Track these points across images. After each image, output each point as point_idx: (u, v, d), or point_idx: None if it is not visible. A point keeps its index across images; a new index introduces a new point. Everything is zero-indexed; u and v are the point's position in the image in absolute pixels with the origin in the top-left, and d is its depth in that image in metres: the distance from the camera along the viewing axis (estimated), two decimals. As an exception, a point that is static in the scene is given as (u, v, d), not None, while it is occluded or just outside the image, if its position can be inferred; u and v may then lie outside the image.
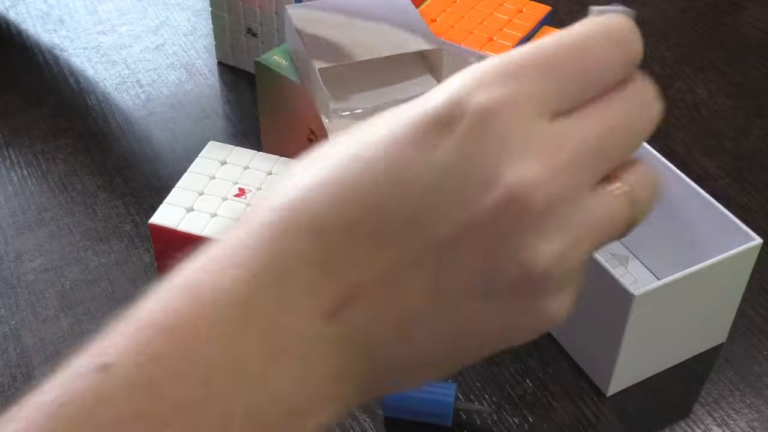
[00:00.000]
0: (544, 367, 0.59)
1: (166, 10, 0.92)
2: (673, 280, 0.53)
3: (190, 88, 0.82)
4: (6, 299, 0.63)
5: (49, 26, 0.89)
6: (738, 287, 0.58)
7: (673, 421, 0.57)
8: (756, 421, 0.57)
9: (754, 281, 0.64)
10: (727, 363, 0.60)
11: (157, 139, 0.76)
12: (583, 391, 0.58)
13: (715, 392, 0.58)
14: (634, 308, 0.52)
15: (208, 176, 0.60)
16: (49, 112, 0.79)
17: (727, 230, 0.57)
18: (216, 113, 0.80)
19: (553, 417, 0.57)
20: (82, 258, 0.66)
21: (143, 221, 0.68)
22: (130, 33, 0.89)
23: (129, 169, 0.73)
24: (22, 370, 0.59)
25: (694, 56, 0.88)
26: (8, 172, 0.73)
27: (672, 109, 0.81)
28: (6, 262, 0.66)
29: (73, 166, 0.74)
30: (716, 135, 0.78)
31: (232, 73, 0.84)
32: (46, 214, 0.70)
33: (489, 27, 0.73)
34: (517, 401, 0.57)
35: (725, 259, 0.54)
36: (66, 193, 0.71)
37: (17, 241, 0.67)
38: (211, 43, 0.86)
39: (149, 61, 0.85)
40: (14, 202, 0.71)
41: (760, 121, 0.80)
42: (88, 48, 0.87)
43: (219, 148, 0.62)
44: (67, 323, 0.62)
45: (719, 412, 0.57)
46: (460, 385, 0.58)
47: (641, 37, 0.30)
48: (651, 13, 0.93)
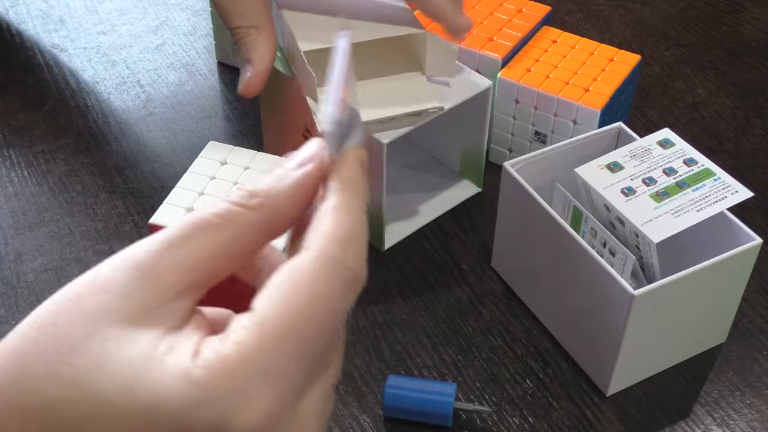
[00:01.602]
0: (544, 367, 0.59)
1: (166, 10, 0.92)
2: (673, 280, 0.53)
3: (190, 88, 0.82)
4: (6, 299, 0.63)
5: (49, 26, 0.89)
6: (738, 287, 0.58)
7: (673, 421, 0.57)
8: (756, 421, 0.57)
9: (754, 281, 0.64)
10: (727, 363, 0.60)
11: (157, 139, 0.76)
12: (583, 391, 0.58)
13: (715, 392, 0.58)
14: (634, 308, 0.52)
15: (208, 176, 0.60)
16: (49, 112, 0.79)
17: (726, 230, 0.57)
18: (216, 113, 0.80)
19: (553, 417, 0.57)
20: (83, 258, 0.66)
21: (143, 221, 0.68)
22: (130, 33, 0.89)
23: (129, 169, 0.73)
24: (22, 370, 0.59)
25: (694, 56, 0.88)
26: (8, 172, 0.73)
27: (672, 109, 0.81)
28: (6, 263, 0.66)
29: (73, 166, 0.74)
30: (716, 135, 0.78)
31: (232, 73, 0.84)
32: (47, 214, 0.70)
33: (489, 27, 0.73)
34: (517, 401, 0.57)
35: (725, 259, 0.54)
36: (66, 193, 0.71)
37: (17, 241, 0.67)
38: (211, 43, 0.86)
39: (149, 61, 0.85)
40: (14, 202, 0.71)
41: (760, 121, 0.80)
42: (88, 48, 0.87)
43: (219, 148, 0.62)
44: (67, 323, 0.61)
45: (719, 412, 0.57)
46: (460, 385, 0.58)
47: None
48: (651, 13, 0.93)
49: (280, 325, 0.27)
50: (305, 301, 0.28)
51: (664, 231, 0.54)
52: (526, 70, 0.70)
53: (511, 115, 0.71)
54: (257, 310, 0.28)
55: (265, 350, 0.27)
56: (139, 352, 0.27)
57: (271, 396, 0.27)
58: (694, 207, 0.55)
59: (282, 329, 0.27)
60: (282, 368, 0.27)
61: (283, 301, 0.28)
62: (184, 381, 0.26)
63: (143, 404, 0.26)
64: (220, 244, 0.29)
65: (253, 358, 0.27)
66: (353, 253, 0.29)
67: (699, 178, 0.57)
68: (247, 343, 0.27)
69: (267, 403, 0.27)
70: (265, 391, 0.27)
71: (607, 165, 0.58)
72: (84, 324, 0.27)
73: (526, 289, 0.63)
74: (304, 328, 0.28)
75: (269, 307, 0.28)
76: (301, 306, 0.28)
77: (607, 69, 0.70)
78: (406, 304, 0.64)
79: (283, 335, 0.27)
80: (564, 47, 0.72)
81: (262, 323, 0.27)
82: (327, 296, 0.28)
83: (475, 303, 0.64)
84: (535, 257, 0.60)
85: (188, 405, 0.26)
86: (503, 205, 0.62)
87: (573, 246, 0.55)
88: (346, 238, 0.29)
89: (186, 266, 0.29)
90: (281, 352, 0.27)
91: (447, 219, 0.70)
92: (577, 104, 0.67)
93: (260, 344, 0.27)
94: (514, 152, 0.73)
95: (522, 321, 0.62)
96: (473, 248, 0.68)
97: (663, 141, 0.60)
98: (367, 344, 0.61)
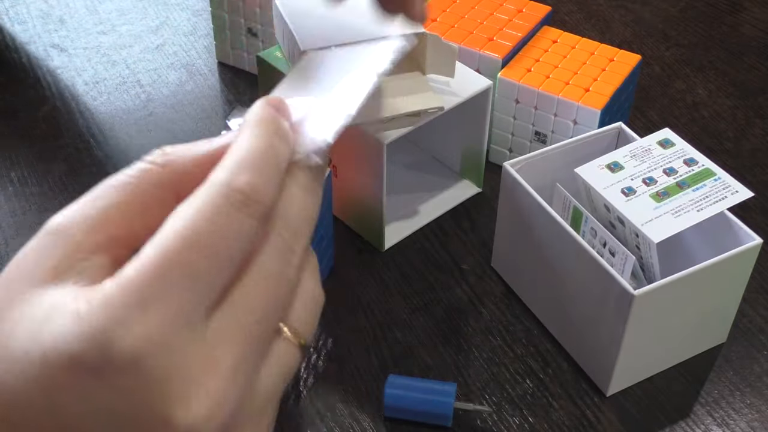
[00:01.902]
0: (544, 367, 0.59)
1: (166, 10, 0.92)
2: (673, 280, 0.53)
3: (190, 88, 0.82)
4: (6, 299, 0.63)
5: (49, 26, 0.89)
6: (738, 287, 0.58)
7: (673, 421, 0.57)
8: (756, 421, 0.57)
9: (754, 281, 0.64)
10: (727, 363, 0.60)
11: (157, 139, 0.76)
12: (583, 391, 0.58)
13: (715, 392, 0.58)
14: (634, 308, 0.52)
15: (208, 176, 0.60)
16: (49, 112, 0.79)
17: (726, 230, 0.57)
18: (216, 113, 0.80)
19: (553, 417, 0.57)
20: (82, 258, 0.66)
21: (143, 221, 0.68)
22: (130, 33, 0.89)
23: (129, 169, 0.73)
24: (22, 370, 0.59)
25: (694, 56, 0.88)
26: (8, 172, 0.73)
27: (672, 109, 0.81)
28: (6, 263, 0.66)
29: (73, 166, 0.74)
30: (716, 135, 0.78)
31: (232, 73, 0.84)
32: (47, 214, 0.69)
33: (489, 27, 0.73)
34: (517, 401, 0.57)
35: (725, 259, 0.54)
36: (66, 193, 0.71)
37: (17, 241, 0.67)
38: (211, 43, 0.86)
39: (149, 61, 0.85)
40: (14, 202, 0.71)
41: (760, 121, 0.80)
42: (88, 48, 0.87)
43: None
44: (67, 323, 0.61)
45: (719, 412, 0.57)
46: (460, 385, 0.58)
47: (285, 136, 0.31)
48: (651, 13, 0.93)
49: (161, 255, 0.28)
50: (186, 227, 0.28)
51: (664, 231, 0.54)
52: (526, 70, 0.70)
53: (511, 115, 0.71)
54: (143, 249, 0.28)
55: (143, 281, 0.27)
56: (46, 306, 0.28)
57: (150, 321, 0.27)
58: (694, 207, 0.55)
59: (162, 259, 0.28)
60: (163, 295, 0.27)
61: (165, 233, 0.28)
62: (74, 318, 0.27)
63: (43, 348, 0.27)
64: (127, 200, 0.31)
65: (129, 288, 0.27)
66: (247, 175, 0.29)
67: (699, 178, 0.57)
68: (125, 277, 0.28)
69: (146, 328, 0.27)
70: (142, 316, 0.27)
71: (607, 165, 0.58)
72: (7, 290, 0.29)
73: (526, 289, 0.63)
74: (186, 254, 0.28)
75: (152, 242, 0.28)
76: (181, 233, 0.28)
77: (607, 69, 0.70)
78: (406, 304, 0.64)
79: (163, 265, 0.27)
80: (564, 47, 0.72)
81: (143, 258, 0.28)
82: (211, 220, 0.28)
83: (475, 303, 0.64)
84: (535, 257, 0.60)
85: (76, 339, 0.27)
86: (503, 205, 0.62)
87: (573, 246, 0.55)
88: (239, 162, 0.29)
89: (95, 225, 0.30)
90: (161, 280, 0.27)
91: (447, 219, 0.70)
92: (577, 104, 0.67)
93: (137, 276, 0.27)
94: (514, 152, 0.73)
95: (522, 321, 0.62)
96: (473, 248, 0.68)
97: (663, 141, 0.60)
98: (367, 344, 0.61)
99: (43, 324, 0.27)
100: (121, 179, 0.31)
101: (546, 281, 0.60)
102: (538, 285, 0.61)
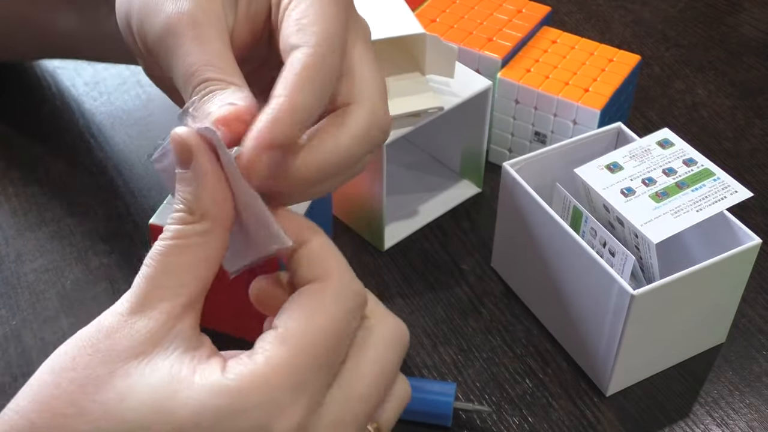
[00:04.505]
0: (543, 367, 0.59)
1: (166, 11, 0.92)
2: (673, 280, 0.53)
3: (190, 89, 0.82)
4: (6, 299, 0.63)
5: (50, 26, 0.89)
6: (738, 287, 0.58)
7: (673, 421, 0.57)
8: (755, 421, 0.57)
9: (754, 281, 0.64)
10: (726, 363, 0.60)
11: (157, 139, 0.76)
12: (583, 391, 0.58)
13: (715, 392, 0.58)
14: (634, 308, 0.52)
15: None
16: (49, 112, 0.79)
17: (726, 230, 0.57)
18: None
19: (553, 417, 0.57)
20: (83, 258, 0.66)
21: (143, 221, 0.68)
22: (130, 33, 0.89)
23: (129, 169, 0.73)
24: (23, 370, 0.59)
25: (694, 56, 0.88)
26: (8, 172, 0.73)
27: (671, 110, 0.81)
28: (7, 263, 0.66)
29: (73, 166, 0.74)
30: (715, 135, 0.79)
31: (232, 73, 0.84)
32: (47, 214, 0.70)
33: (489, 27, 0.73)
34: (517, 401, 0.57)
35: (725, 259, 0.54)
36: (66, 193, 0.71)
37: (18, 241, 0.67)
38: (211, 44, 0.86)
39: (149, 61, 0.85)
40: (15, 202, 0.71)
41: (759, 121, 0.80)
42: (89, 48, 0.86)
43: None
44: (67, 323, 0.62)
45: (719, 412, 0.57)
46: (460, 385, 0.58)
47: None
48: (651, 13, 0.93)
49: (305, 341, 0.29)
50: (324, 319, 0.30)
51: (664, 231, 0.54)
52: (526, 70, 0.70)
53: (510, 115, 0.71)
54: (282, 328, 0.30)
55: (293, 363, 0.29)
56: (161, 376, 0.28)
57: (300, 405, 0.28)
58: (694, 207, 0.56)
59: (306, 344, 0.29)
60: (307, 380, 0.29)
61: (304, 319, 0.30)
62: (217, 394, 0.28)
63: (175, 422, 0.28)
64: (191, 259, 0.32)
65: (283, 369, 0.29)
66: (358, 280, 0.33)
67: (698, 178, 0.57)
68: (276, 356, 0.29)
69: (298, 412, 0.28)
70: (296, 400, 0.28)
71: (607, 165, 0.58)
72: (104, 364, 0.29)
73: (526, 289, 0.63)
74: (322, 344, 0.30)
75: (293, 324, 0.30)
76: (320, 323, 0.30)
77: (607, 69, 0.70)
78: (406, 304, 0.64)
79: (306, 350, 0.29)
80: (564, 47, 0.73)
81: (287, 339, 0.29)
82: (341, 316, 0.31)
83: (475, 303, 0.64)
84: (535, 257, 0.60)
85: (226, 415, 0.28)
86: (503, 206, 0.62)
87: (573, 246, 0.55)
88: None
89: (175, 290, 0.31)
90: (306, 365, 0.29)
91: (447, 219, 0.70)
92: (576, 104, 0.67)
93: (288, 357, 0.29)
94: (514, 152, 0.73)
95: (522, 321, 0.62)
96: (473, 248, 0.68)
97: (662, 141, 0.60)
98: (367, 344, 0.61)
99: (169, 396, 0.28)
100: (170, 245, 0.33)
101: (546, 281, 0.60)
102: (537, 285, 0.62)
